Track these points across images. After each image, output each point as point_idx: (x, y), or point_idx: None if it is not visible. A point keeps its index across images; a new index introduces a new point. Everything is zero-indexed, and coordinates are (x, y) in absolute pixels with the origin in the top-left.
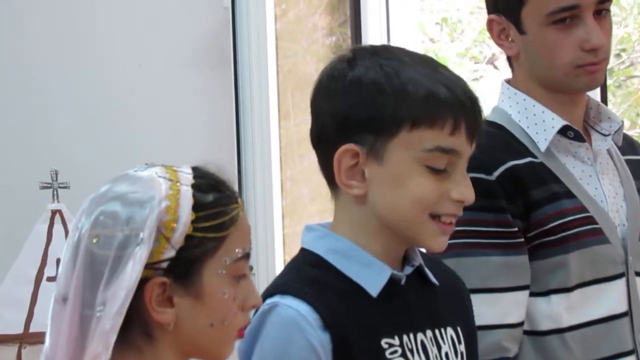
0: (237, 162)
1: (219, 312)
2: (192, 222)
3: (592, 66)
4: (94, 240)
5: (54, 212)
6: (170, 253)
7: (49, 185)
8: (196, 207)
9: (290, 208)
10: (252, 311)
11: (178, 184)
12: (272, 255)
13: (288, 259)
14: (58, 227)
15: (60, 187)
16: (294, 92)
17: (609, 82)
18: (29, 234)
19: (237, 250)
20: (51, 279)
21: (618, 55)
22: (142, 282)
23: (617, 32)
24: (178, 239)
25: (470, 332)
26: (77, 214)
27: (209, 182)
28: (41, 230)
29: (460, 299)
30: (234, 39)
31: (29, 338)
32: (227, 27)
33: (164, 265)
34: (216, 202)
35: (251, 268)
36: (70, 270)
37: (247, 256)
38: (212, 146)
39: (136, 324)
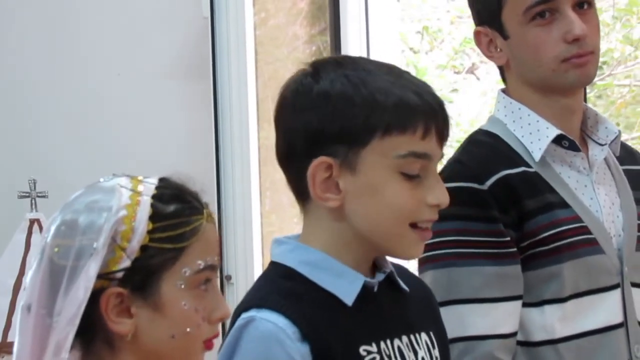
0: (215, 171)
1: (180, 323)
2: (149, 232)
3: (579, 58)
4: (55, 250)
5: (32, 221)
6: (126, 263)
7: (27, 195)
8: (154, 217)
9: (269, 215)
10: (221, 324)
11: (138, 194)
12: (251, 263)
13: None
14: (36, 237)
15: (38, 196)
16: (275, 99)
17: (590, 93)
18: (7, 243)
19: (198, 262)
20: None
21: (599, 67)
22: (99, 292)
23: (601, 46)
24: (133, 249)
25: (442, 337)
26: (47, 222)
27: (173, 193)
28: (19, 240)
29: (429, 305)
30: (213, 48)
31: (7, 347)
32: (206, 37)
33: (120, 275)
34: (177, 212)
35: (229, 277)
36: (34, 279)
37: (211, 268)
38: (192, 155)
39: (98, 334)
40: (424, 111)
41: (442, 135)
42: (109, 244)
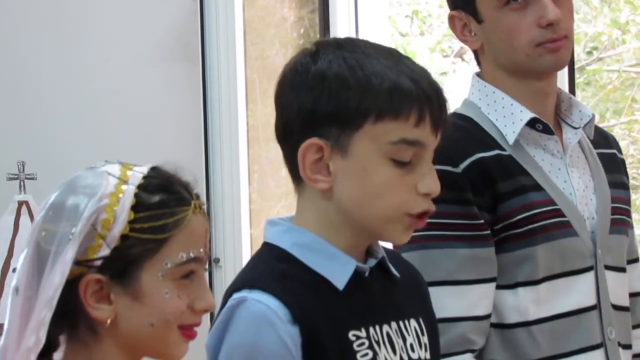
0: (204, 154)
1: (160, 312)
2: (130, 222)
3: (553, 43)
4: (43, 234)
5: (20, 204)
6: (105, 251)
7: (16, 177)
8: (137, 207)
9: (256, 196)
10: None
11: (124, 183)
12: (239, 246)
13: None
14: (25, 219)
15: (27, 179)
16: (262, 80)
17: (579, 79)
18: None
19: (180, 255)
20: None
21: (589, 53)
22: (79, 278)
23: (588, 30)
24: (113, 237)
25: (432, 323)
26: (42, 203)
27: (159, 183)
28: (8, 222)
29: (419, 291)
30: (202, 31)
31: None
32: (195, 20)
33: (98, 263)
34: (161, 203)
35: (217, 260)
36: (24, 261)
37: (195, 260)
38: (180, 137)
39: (81, 319)
40: (418, 98)
41: (438, 122)
42: (89, 231)
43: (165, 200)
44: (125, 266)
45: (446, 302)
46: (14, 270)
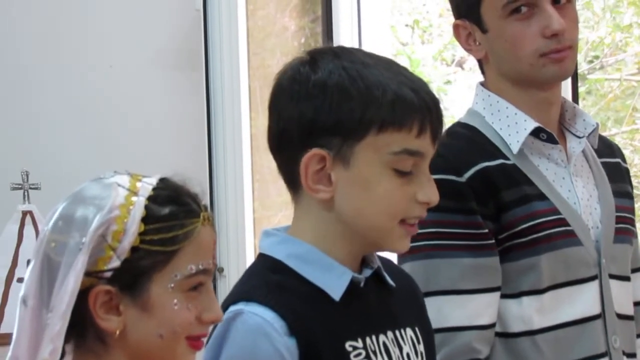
0: (208, 162)
1: (168, 323)
2: (140, 234)
3: (557, 53)
4: (52, 245)
5: (24, 213)
6: (115, 263)
7: (20, 186)
8: (147, 219)
9: (258, 203)
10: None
11: (134, 194)
12: (243, 255)
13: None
14: (29, 228)
15: (31, 188)
16: (263, 89)
17: (580, 88)
18: None
19: (190, 267)
20: (21, 280)
21: (590, 62)
22: (88, 289)
23: (589, 37)
24: (124, 249)
25: (428, 332)
26: (48, 214)
27: (169, 194)
28: (12, 231)
29: (415, 300)
30: (205, 40)
31: (1, 338)
32: (198, 29)
33: (108, 274)
34: (171, 215)
35: (221, 270)
36: (32, 272)
37: (203, 272)
38: (184, 146)
39: (90, 330)
40: (420, 108)
41: (436, 133)
42: (100, 242)
43: (174, 212)
44: (134, 278)
45: (450, 311)
46: (18, 280)
